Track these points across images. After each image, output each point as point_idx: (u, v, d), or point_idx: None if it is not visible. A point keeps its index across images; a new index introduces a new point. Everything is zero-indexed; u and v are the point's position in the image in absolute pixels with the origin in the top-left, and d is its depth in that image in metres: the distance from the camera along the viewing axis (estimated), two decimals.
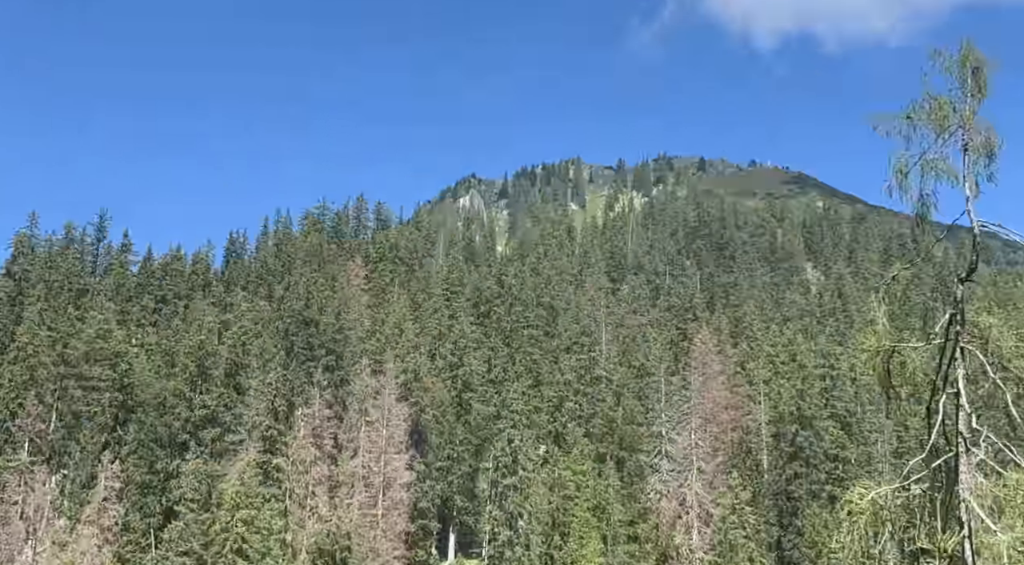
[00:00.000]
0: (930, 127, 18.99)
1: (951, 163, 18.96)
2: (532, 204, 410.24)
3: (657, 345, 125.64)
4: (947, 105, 19.01)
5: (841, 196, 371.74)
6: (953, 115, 19.05)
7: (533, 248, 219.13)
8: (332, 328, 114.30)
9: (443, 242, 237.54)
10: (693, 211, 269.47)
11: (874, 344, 18.79)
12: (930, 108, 18.97)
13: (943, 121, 18.94)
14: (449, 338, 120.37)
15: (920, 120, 18.96)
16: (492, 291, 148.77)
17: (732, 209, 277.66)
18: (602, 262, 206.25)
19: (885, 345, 18.76)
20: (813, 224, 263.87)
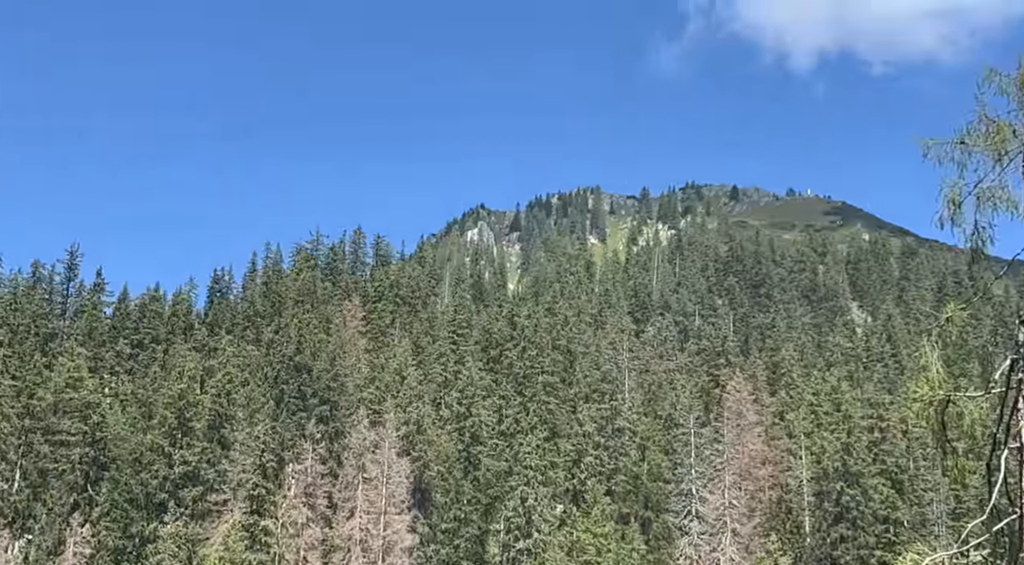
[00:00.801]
0: (987, 153, 18.99)
1: (1011, 192, 18.93)
2: (547, 237, 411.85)
3: (686, 393, 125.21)
4: (1006, 128, 19.01)
5: (889, 228, 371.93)
6: (1013, 139, 19.04)
7: (548, 286, 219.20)
8: (326, 375, 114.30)
9: (449, 279, 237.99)
10: (725, 245, 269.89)
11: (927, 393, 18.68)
12: (987, 132, 18.98)
13: (1001, 146, 18.94)
14: (456, 386, 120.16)
15: (975, 145, 18.97)
16: (503, 333, 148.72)
17: (768, 242, 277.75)
18: (624, 301, 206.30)
19: (939, 394, 18.63)
20: (858, 259, 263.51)
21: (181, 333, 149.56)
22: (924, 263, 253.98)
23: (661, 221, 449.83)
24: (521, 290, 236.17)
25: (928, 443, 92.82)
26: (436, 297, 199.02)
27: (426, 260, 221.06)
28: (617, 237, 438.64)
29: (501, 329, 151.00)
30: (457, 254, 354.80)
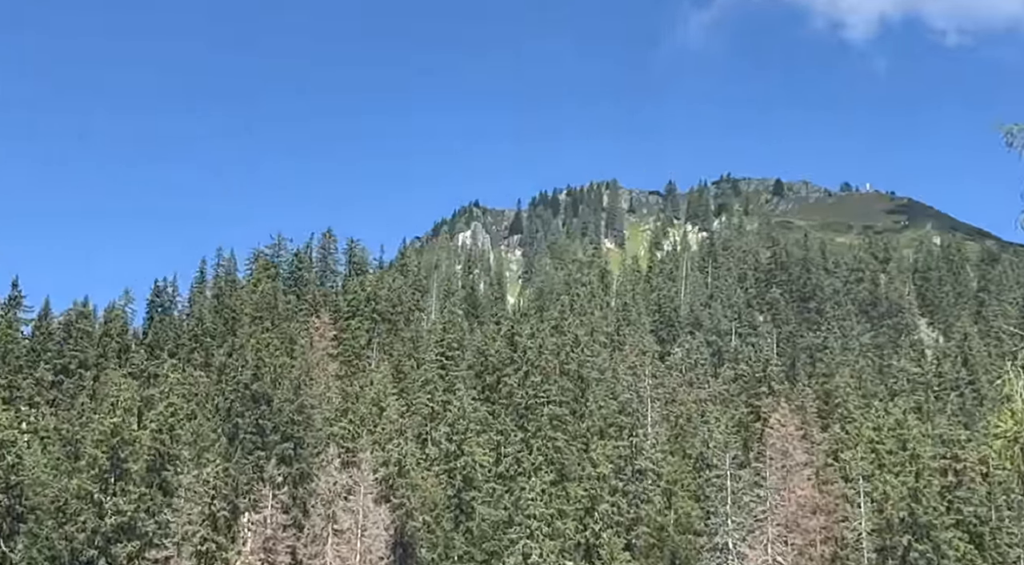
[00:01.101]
0: None
1: None
2: (554, 241, 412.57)
3: (721, 428, 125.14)
4: None
5: (965, 230, 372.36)
6: None
7: (555, 299, 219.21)
8: (290, 406, 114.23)
9: (437, 291, 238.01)
10: (767, 250, 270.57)
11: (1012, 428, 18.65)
12: None
13: None
14: (445, 418, 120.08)
15: None
16: (501, 356, 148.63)
17: (819, 247, 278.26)
18: (647, 317, 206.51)
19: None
20: (928, 267, 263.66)
21: (115, 356, 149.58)
22: (1008, 272, 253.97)
23: (690, 221, 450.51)
24: (523, 304, 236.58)
25: (1013, 488, 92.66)
26: (421, 312, 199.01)
27: (409, 268, 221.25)
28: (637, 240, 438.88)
29: (499, 351, 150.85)
30: (446, 261, 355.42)
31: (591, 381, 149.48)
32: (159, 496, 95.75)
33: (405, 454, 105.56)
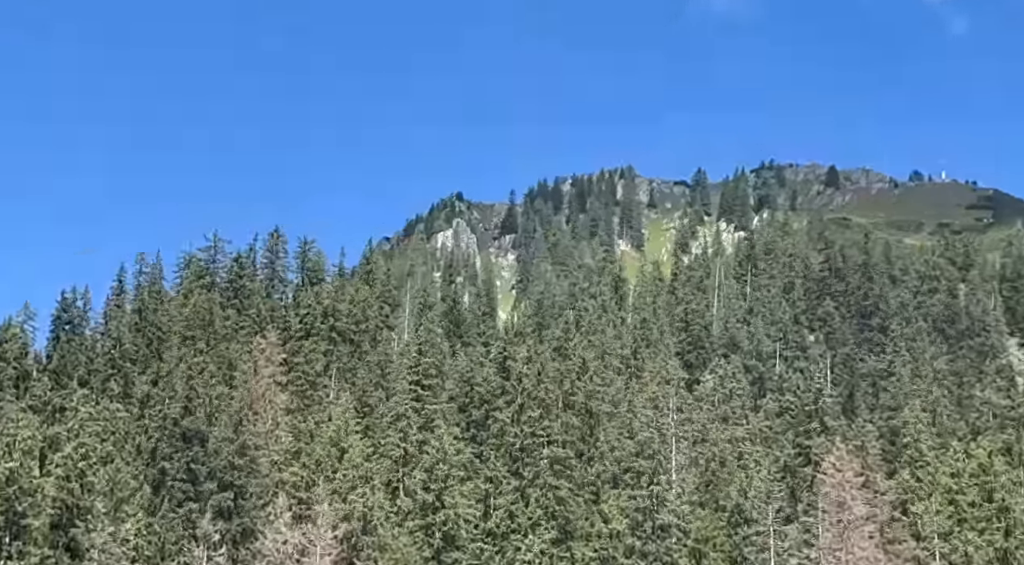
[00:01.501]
0: None
1: None
2: (556, 242, 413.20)
3: (762, 474, 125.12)
4: None
5: None
6: None
7: (558, 314, 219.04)
8: (229, 447, 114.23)
9: (410, 305, 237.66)
10: (819, 253, 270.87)
11: None
12: None
13: None
14: (421, 463, 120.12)
15: None
16: (491, 385, 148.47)
17: (883, 249, 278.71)
18: (671, 337, 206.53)
19: None
20: (1018, 275, 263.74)
21: (11, 386, 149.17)
22: None
23: (724, 218, 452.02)
24: (517, 320, 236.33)
25: None
26: (391, 331, 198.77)
27: (376, 277, 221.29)
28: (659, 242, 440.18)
29: (488, 378, 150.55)
30: (422, 267, 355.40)
31: (602, 416, 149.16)
32: (66, 559, 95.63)
33: (372, 506, 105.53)
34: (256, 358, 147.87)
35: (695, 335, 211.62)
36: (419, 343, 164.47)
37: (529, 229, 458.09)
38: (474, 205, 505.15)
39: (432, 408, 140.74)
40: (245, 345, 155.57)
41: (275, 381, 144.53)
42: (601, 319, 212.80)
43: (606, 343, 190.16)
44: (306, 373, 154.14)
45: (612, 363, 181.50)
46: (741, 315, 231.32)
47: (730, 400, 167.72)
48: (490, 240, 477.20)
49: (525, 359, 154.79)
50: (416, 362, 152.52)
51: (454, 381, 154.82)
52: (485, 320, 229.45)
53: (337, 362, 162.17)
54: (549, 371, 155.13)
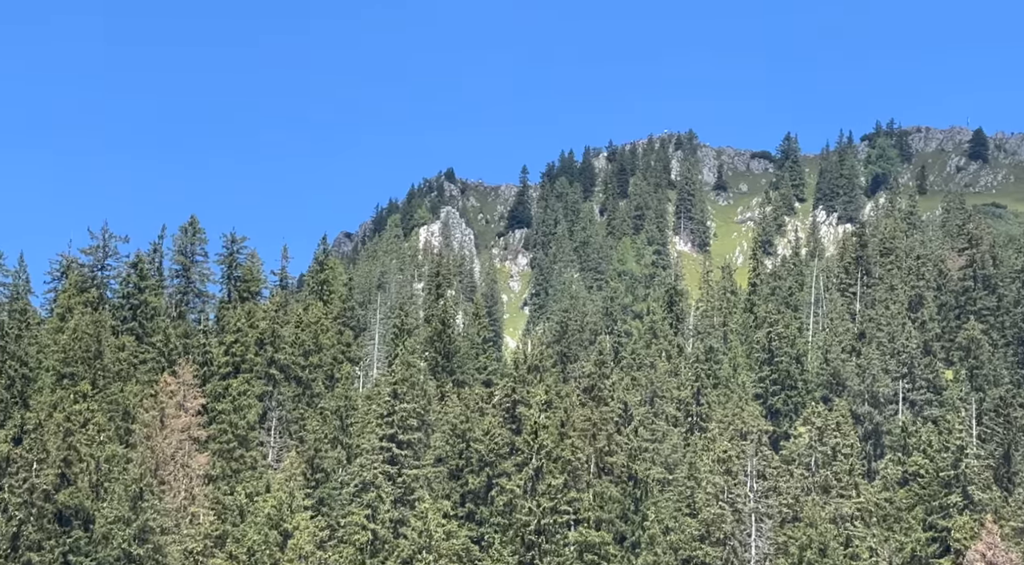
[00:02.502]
0: None
1: None
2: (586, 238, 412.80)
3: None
4: None
5: None
6: None
7: (589, 341, 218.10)
8: (124, 531, 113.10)
9: (381, 328, 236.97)
10: (960, 254, 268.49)
11: None
12: None
13: None
14: (397, 551, 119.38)
15: None
16: (495, 442, 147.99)
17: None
18: (749, 372, 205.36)
19: None
20: None
21: None
22: None
23: (823, 204, 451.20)
24: (532, 350, 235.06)
25: None
26: (354, 365, 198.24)
27: (333, 289, 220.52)
28: (731, 238, 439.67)
29: (491, 432, 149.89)
30: (398, 276, 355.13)
31: (651, 485, 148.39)
32: None
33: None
34: (163, 404, 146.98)
35: (783, 370, 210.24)
36: (394, 382, 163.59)
37: (548, 221, 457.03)
38: (471, 187, 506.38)
39: (412, 474, 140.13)
40: (148, 386, 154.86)
41: (190, 437, 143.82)
42: (650, 348, 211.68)
43: (657, 381, 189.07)
44: (234, 425, 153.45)
45: (666, 410, 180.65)
46: (848, 342, 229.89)
47: (833, 462, 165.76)
48: (493, 236, 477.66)
49: (543, 404, 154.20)
50: (390, 409, 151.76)
51: (443, 435, 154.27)
52: (487, 349, 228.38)
53: (279, 409, 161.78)
54: (577, 421, 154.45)
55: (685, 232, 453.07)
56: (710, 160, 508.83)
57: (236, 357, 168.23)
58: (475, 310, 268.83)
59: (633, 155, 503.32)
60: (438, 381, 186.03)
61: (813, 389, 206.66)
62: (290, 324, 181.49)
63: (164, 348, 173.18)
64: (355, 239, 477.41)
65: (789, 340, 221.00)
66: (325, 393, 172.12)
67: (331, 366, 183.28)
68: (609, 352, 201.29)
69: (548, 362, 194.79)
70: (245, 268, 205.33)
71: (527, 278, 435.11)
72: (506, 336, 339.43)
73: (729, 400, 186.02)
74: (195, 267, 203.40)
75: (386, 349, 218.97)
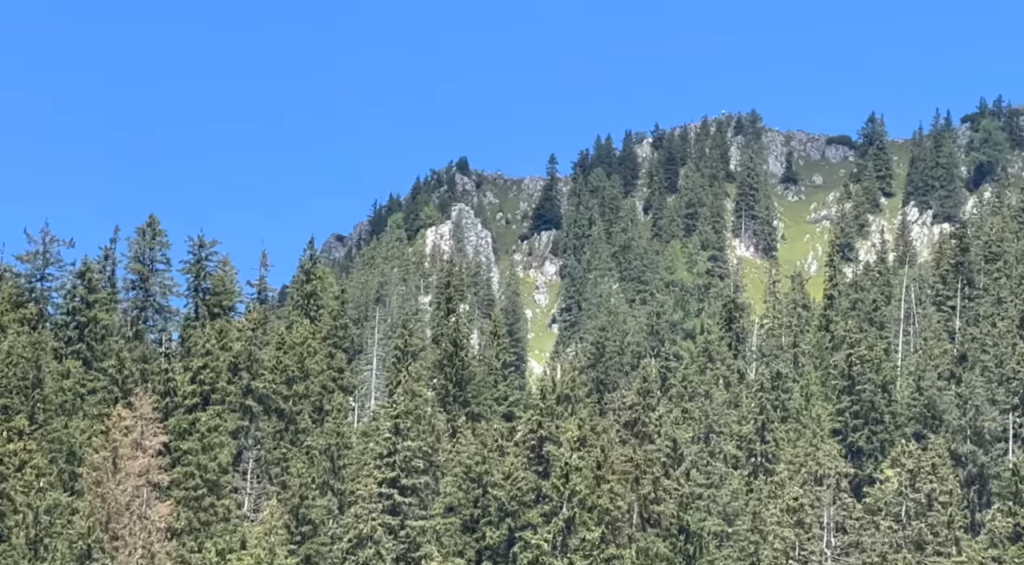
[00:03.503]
0: None
1: None
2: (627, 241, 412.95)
3: None
4: None
5: None
6: None
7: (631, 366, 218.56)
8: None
9: (380, 350, 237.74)
10: None
11: None
12: None
13: None
14: None
15: None
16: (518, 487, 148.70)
17: None
18: (825, 403, 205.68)
19: None
20: None
21: None
22: None
23: (915, 200, 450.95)
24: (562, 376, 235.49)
25: None
26: (347, 395, 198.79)
27: (323, 304, 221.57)
28: (803, 241, 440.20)
29: (513, 474, 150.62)
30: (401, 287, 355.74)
31: (706, 539, 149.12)
32: None
33: None
34: (117, 443, 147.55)
35: (866, 401, 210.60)
36: (395, 415, 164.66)
37: (581, 220, 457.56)
38: (488, 180, 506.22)
39: (418, 526, 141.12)
40: (98, 421, 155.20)
41: (149, 482, 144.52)
42: (704, 374, 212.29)
43: (713, 414, 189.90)
44: (203, 468, 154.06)
45: (724, 448, 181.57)
46: (946, 366, 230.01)
47: (928, 512, 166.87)
48: (515, 239, 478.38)
49: (575, 442, 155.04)
50: (391, 448, 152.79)
51: (455, 479, 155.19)
52: (507, 375, 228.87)
53: (257, 448, 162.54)
54: (616, 462, 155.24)
55: (747, 234, 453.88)
56: (777, 147, 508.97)
57: (205, 386, 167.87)
58: (493, 328, 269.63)
59: (684, 141, 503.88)
60: (449, 414, 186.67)
61: (903, 424, 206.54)
62: (270, 345, 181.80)
63: (117, 375, 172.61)
64: (349, 243, 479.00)
65: (874, 364, 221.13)
66: (313, 429, 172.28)
67: (320, 396, 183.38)
68: (655, 379, 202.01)
69: (581, 391, 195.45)
70: (216, 278, 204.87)
71: (556, 290, 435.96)
72: (531, 360, 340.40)
73: (801, 437, 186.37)
74: (155, 277, 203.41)
75: (386, 376, 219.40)
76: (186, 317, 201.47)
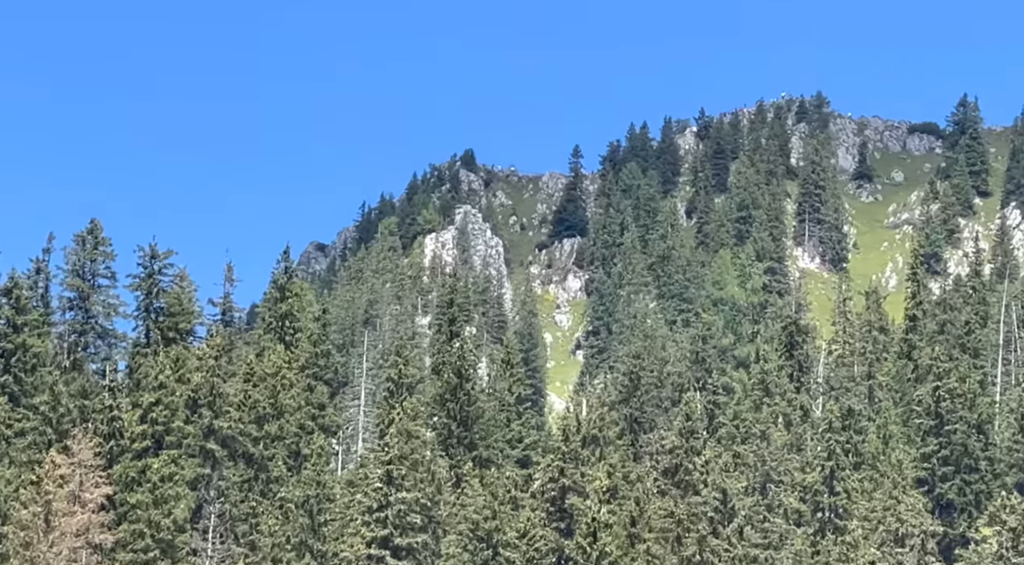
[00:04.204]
0: None
1: None
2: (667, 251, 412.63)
3: None
4: None
5: None
6: None
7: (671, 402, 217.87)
8: None
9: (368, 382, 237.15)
10: None
11: None
12: None
13: None
14: None
15: None
16: (535, 548, 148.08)
17: None
18: (907, 446, 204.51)
19: None
20: None
21: None
22: None
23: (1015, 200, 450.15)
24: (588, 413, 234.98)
25: None
26: (330, 436, 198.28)
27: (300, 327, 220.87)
28: (879, 250, 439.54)
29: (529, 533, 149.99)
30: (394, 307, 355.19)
31: None
32: None
33: None
34: (50, 495, 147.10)
35: (957, 444, 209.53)
36: (388, 461, 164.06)
37: (611, 226, 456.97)
38: (499, 177, 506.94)
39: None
40: (27, 469, 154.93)
41: (89, 543, 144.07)
42: (761, 410, 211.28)
43: (772, 460, 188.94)
44: (155, 525, 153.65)
45: (784, 501, 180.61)
46: None
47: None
48: (532, 249, 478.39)
49: (604, 492, 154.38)
50: (382, 500, 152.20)
51: (460, 538, 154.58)
52: (522, 413, 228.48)
53: (220, 501, 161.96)
54: (654, 517, 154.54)
55: (811, 242, 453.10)
56: (848, 136, 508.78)
57: (158, 426, 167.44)
58: (506, 356, 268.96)
59: (735, 129, 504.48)
60: (452, 459, 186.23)
61: (1003, 472, 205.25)
62: (237, 377, 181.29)
63: (51, 413, 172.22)
64: (332, 253, 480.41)
65: (967, 400, 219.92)
66: (288, 478, 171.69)
67: (296, 438, 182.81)
68: (701, 416, 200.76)
69: (612, 431, 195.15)
70: (171, 296, 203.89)
71: (581, 309, 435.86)
72: (550, 393, 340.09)
73: (878, 487, 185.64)
74: (97, 294, 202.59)
75: (377, 413, 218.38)
76: (135, 343, 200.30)
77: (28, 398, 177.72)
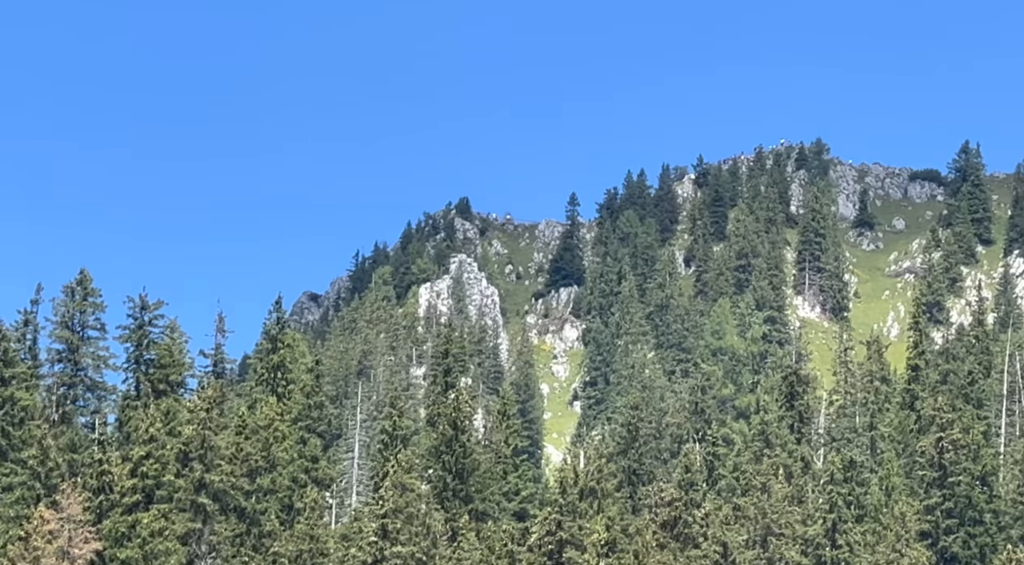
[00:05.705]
0: None
1: None
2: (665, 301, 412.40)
3: None
4: None
5: None
6: None
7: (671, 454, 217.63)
8: None
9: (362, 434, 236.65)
10: None
11: None
12: None
13: None
14: None
15: None
16: None
17: None
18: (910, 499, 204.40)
19: None
20: None
21: None
22: None
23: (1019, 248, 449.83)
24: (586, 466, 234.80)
25: None
26: (323, 490, 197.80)
27: (293, 375, 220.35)
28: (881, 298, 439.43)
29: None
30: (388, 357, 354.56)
31: None
32: None
33: None
34: (39, 551, 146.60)
35: (961, 495, 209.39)
36: (382, 514, 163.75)
37: (609, 274, 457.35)
38: (494, 225, 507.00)
39: None
40: (15, 525, 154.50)
41: None
42: (761, 462, 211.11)
43: (772, 512, 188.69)
44: None
45: (786, 555, 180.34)
46: None
47: None
48: (528, 298, 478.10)
49: (603, 546, 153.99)
50: (377, 555, 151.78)
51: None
52: (519, 465, 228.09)
53: (212, 557, 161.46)
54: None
55: (811, 290, 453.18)
56: (848, 183, 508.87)
57: (148, 479, 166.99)
58: (502, 407, 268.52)
59: (734, 177, 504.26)
60: (448, 513, 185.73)
61: (1008, 525, 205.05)
62: (229, 430, 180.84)
63: (40, 467, 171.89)
64: (325, 303, 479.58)
65: (970, 451, 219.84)
66: (281, 532, 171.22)
67: (289, 492, 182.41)
68: (700, 468, 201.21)
69: (610, 484, 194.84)
70: (161, 347, 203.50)
71: (578, 359, 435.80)
72: (548, 445, 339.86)
73: (881, 540, 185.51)
74: (86, 346, 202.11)
75: (371, 466, 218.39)
76: (125, 395, 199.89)
77: (16, 452, 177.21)
